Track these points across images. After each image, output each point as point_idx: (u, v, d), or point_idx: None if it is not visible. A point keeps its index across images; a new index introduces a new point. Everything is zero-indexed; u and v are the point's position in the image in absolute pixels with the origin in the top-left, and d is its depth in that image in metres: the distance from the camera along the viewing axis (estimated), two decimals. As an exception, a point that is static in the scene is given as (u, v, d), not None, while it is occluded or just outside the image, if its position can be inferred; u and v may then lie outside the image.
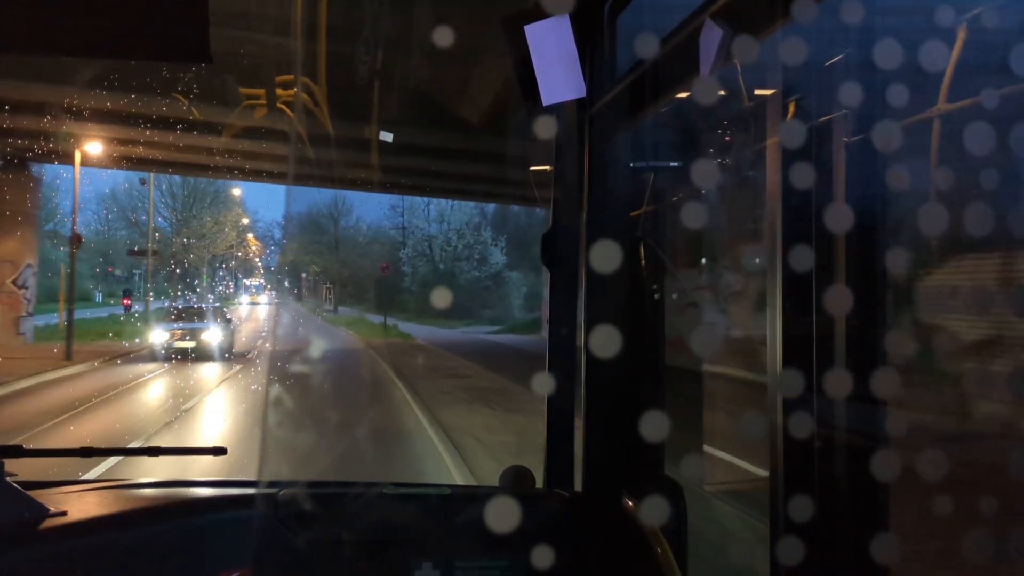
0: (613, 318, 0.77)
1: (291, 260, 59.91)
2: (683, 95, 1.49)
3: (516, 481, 2.08)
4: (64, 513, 1.59)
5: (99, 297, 54.83)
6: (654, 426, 0.80)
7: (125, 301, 36.55)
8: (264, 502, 1.70)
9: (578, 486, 1.85)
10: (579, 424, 1.81)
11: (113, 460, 7.19)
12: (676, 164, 1.76)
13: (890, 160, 0.92)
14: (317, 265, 53.63)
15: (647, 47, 0.81)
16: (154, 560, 1.60)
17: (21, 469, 1.69)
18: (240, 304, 59.38)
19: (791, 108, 1.10)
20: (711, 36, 1.11)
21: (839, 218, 0.84)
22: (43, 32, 1.28)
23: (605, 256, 0.79)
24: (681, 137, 1.79)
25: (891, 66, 0.89)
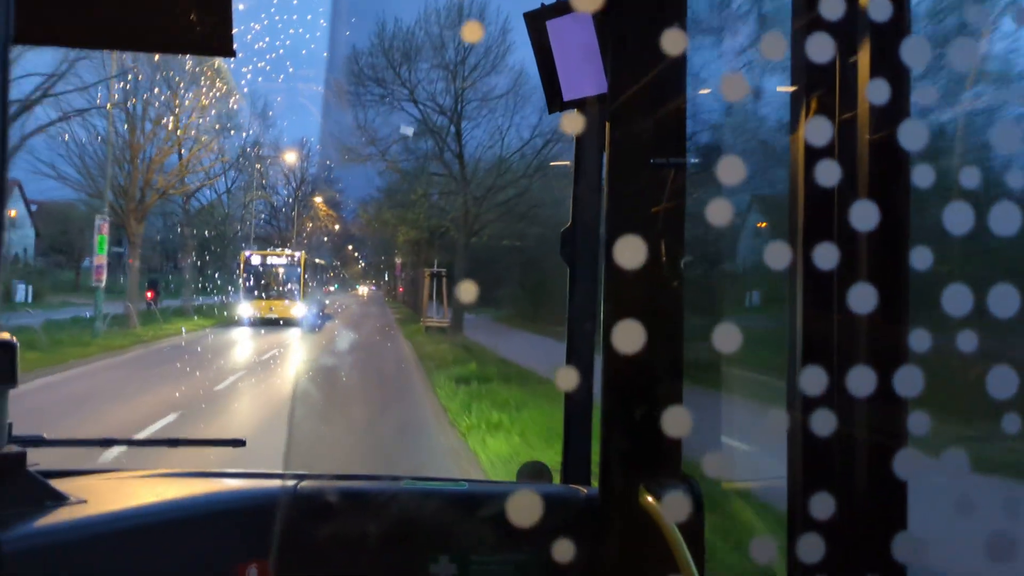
0: (632, 314, 0.77)
1: (368, 222, 31.81)
2: (704, 91, 1.48)
3: (533, 477, 2.08)
4: (84, 501, 1.61)
5: (23, 294, 34.62)
6: (673, 423, 0.80)
7: (149, 295, 30.24)
8: (284, 494, 1.71)
9: (595, 482, 1.85)
10: (597, 421, 1.80)
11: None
12: (696, 160, 1.75)
13: (914, 158, 0.91)
14: (410, 225, 24.45)
15: (669, 43, 0.81)
16: (173, 549, 1.62)
17: (43, 459, 1.72)
18: (235, 325, 30.25)
19: (813, 105, 1.09)
20: (734, 32, 1.11)
21: (862, 216, 0.84)
22: (74, 26, 1.31)
23: (624, 252, 0.79)
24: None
25: (916, 63, 0.88)
